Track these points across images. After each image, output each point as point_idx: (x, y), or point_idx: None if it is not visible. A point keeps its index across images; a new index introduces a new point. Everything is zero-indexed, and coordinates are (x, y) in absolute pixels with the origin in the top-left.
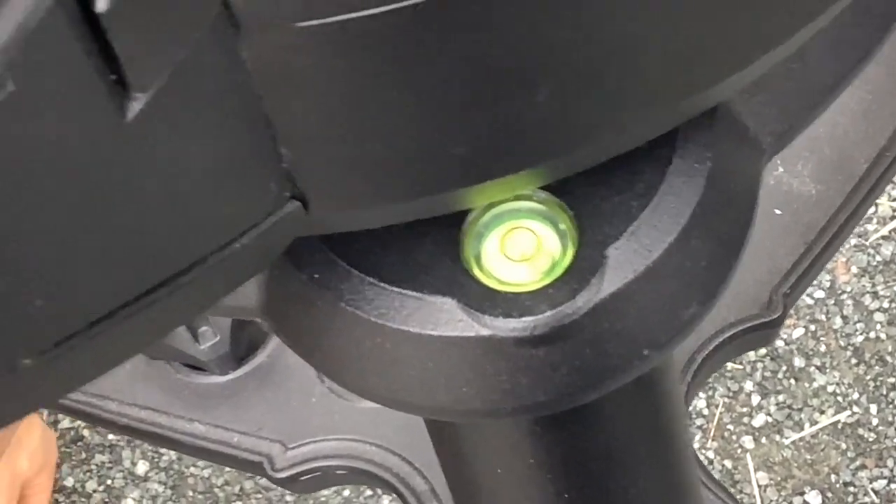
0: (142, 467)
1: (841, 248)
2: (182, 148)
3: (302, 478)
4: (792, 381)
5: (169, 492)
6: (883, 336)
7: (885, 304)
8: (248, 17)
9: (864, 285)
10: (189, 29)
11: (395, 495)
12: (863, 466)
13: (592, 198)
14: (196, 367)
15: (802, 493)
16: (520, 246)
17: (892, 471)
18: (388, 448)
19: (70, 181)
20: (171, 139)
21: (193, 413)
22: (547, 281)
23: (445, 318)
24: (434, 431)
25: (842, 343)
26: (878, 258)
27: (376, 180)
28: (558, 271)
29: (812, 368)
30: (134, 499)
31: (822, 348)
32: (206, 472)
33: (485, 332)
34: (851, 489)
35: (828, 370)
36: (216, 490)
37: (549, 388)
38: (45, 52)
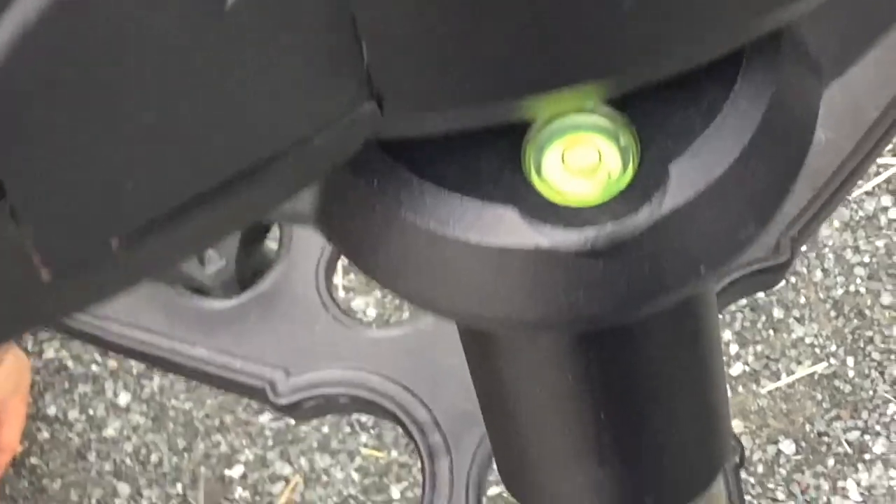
0: (123, 398)
1: None
2: (273, 39)
3: (304, 405)
4: (770, 331)
5: (150, 423)
6: (863, 290)
7: (866, 259)
8: None
9: (845, 239)
10: None
11: (379, 429)
12: (837, 417)
13: (655, 114)
14: (200, 290)
15: (777, 442)
16: (581, 159)
17: (866, 422)
18: (391, 378)
19: (167, 63)
20: (263, 29)
21: (196, 337)
22: (608, 195)
23: (506, 228)
24: (470, 346)
25: (821, 296)
26: (861, 213)
27: (452, 82)
28: (619, 186)
29: (791, 320)
30: (115, 429)
31: (802, 300)
32: (187, 405)
33: (545, 242)
34: (825, 439)
35: (806, 322)
36: (196, 422)
37: (606, 301)
38: None
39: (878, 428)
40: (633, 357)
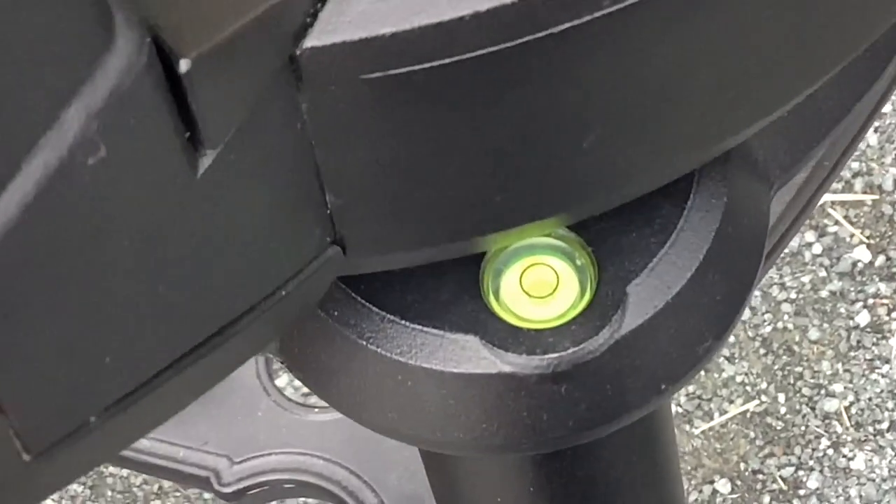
0: None
1: None
2: (242, 199)
3: (249, 492)
4: (701, 372)
5: (88, 492)
6: (790, 326)
7: (793, 295)
8: (313, 70)
9: (771, 277)
10: (256, 82)
11: None
12: (771, 454)
13: (611, 234)
14: None
15: (712, 482)
16: (538, 282)
17: (799, 458)
18: (336, 461)
19: (144, 238)
20: (233, 191)
21: None
22: (568, 318)
23: (468, 356)
24: (430, 461)
25: (750, 334)
26: (786, 250)
27: (412, 226)
28: (578, 308)
29: (721, 359)
30: (53, 499)
31: (731, 339)
32: (124, 472)
33: (507, 369)
34: (760, 476)
35: (737, 360)
36: (135, 489)
37: (569, 423)
38: (134, 115)
39: (811, 463)
40: (591, 467)
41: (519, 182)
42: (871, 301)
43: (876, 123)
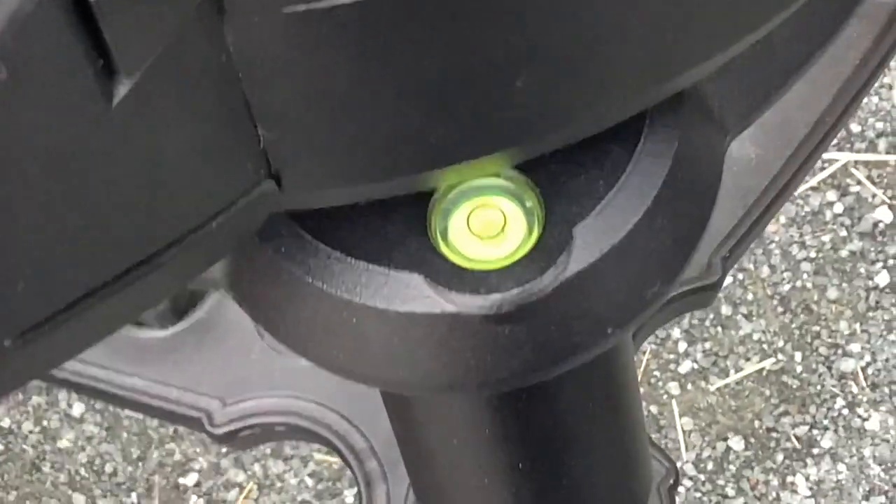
0: (77, 409)
1: None
2: (164, 131)
3: (240, 434)
4: (719, 328)
5: (104, 433)
6: (809, 285)
7: (812, 254)
8: (235, 1)
9: (791, 235)
10: (176, 12)
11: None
12: (786, 413)
13: (560, 176)
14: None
15: (726, 439)
16: (486, 223)
17: (814, 417)
18: (327, 405)
19: (54, 165)
20: (153, 122)
21: (131, 367)
22: (514, 259)
23: (412, 294)
24: (390, 402)
25: (769, 292)
26: (807, 209)
27: (350, 161)
28: (525, 249)
29: (739, 316)
30: (69, 439)
31: (749, 297)
32: (139, 414)
33: (451, 308)
34: (774, 434)
35: (754, 318)
36: (150, 431)
37: (514, 364)
38: (38, 39)
39: (825, 423)
40: (547, 410)
41: (455, 118)
42: (891, 262)
43: None
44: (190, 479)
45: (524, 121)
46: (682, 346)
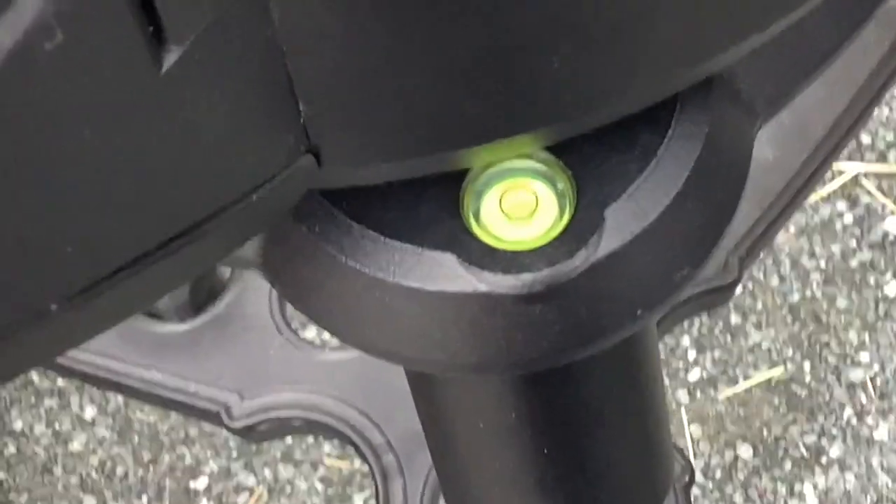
0: (89, 412)
1: None
2: (208, 100)
3: (258, 428)
4: (728, 337)
5: (115, 436)
6: (819, 295)
7: (822, 264)
8: None
9: (801, 245)
10: None
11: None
12: (794, 421)
13: (592, 159)
14: (154, 314)
15: (734, 447)
16: (518, 204)
17: (822, 426)
18: (344, 400)
19: (104, 129)
20: (199, 91)
21: (151, 360)
22: (545, 240)
23: (444, 273)
24: (417, 385)
25: (778, 301)
26: (817, 219)
27: (387, 137)
28: (556, 231)
29: (748, 325)
30: (81, 442)
31: (759, 306)
32: (151, 418)
33: (482, 287)
34: (782, 443)
35: (763, 327)
36: (161, 435)
37: (543, 344)
38: (93, 4)
39: (834, 432)
40: (574, 394)
41: (492, 96)
42: None
43: None
44: (200, 483)
45: (559, 100)
46: (692, 355)
